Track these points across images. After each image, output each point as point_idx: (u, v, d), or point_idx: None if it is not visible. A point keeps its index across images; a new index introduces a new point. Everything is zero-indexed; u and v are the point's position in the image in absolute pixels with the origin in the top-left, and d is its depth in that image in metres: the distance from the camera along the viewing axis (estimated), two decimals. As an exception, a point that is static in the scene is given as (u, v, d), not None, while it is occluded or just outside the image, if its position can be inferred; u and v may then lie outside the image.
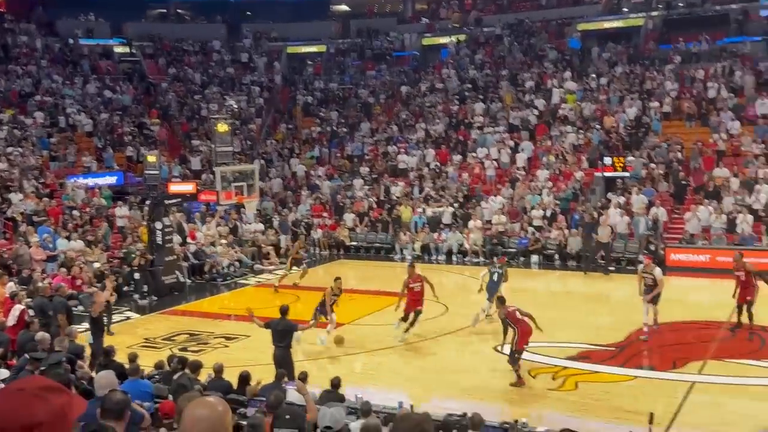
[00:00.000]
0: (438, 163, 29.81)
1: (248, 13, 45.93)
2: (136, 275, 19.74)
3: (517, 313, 12.36)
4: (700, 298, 19.21)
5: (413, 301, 14.92)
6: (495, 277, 16.37)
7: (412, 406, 8.96)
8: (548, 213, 25.00)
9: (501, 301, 12.76)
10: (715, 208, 22.91)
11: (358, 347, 14.92)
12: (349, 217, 27.62)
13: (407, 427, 2.98)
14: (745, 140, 25.71)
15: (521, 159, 28.50)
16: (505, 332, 12.69)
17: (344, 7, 46.91)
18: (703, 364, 13.19)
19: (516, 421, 8.38)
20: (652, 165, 25.84)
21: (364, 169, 30.90)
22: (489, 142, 29.83)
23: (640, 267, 15.52)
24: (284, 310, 11.99)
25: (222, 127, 24.39)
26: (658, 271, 15.02)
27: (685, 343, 14.48)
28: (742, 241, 21.70)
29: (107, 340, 13.47)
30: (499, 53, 36.67)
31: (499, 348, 13.55)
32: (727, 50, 31.33)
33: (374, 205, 28.31)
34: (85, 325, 14.13)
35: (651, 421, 7.88)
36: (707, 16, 33.55)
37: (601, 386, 12.14)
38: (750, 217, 22.15)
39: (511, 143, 29.31)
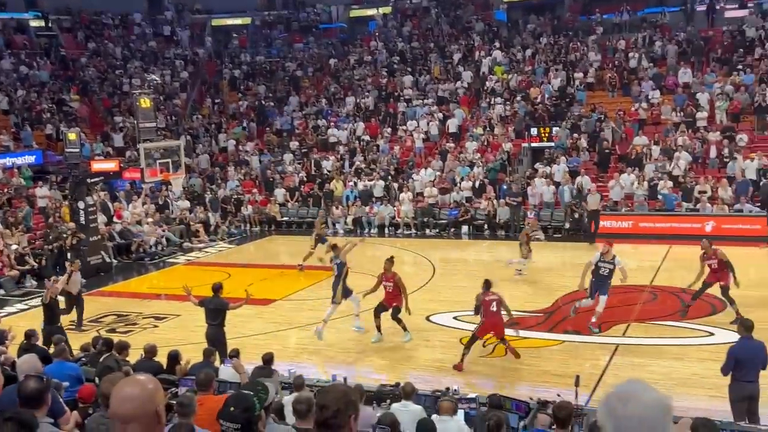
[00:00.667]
0: (368, 137, 29.80)
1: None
2: (69, 255, 19.07)
3: (494, 305, 11.75)
4: (624, 264, 19.80)
5: (387, 299, 13.42)
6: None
7: (345, 379, 9.02)
8: (477, 184, 25.34)
9: (487, 285, 12.14)
10: (637, 175, 23.62)
11: (293, 323, 14.89)
12: (279, 193, 27.40)
13: (334, 398, 3.00)
14: (665, 109, 26.51)
15: (450, 131, 28.75)
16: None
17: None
18: (627, 326, 13.66)
19: (447, 389, 8.53)
20: (575, 135, 26.44)
21: (294, 144, 30.64)
22: (418, 115, 29.97)
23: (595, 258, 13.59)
24: (216, 288, 11.87)
25: (145, 103, 23.85)
26: (618, 259, 13.52)
27: (609, 307, 14.88)
28: (664, 206, 22.47)
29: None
30: (427, 25, 36.74)
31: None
32: (647, 21, 32.17)
33: (305, 180, 28.16)
34: (8, 309, 13.69)
35: (577, 384, 8.11)
36: (629, -12, 34.29)
37: (530, 351, 12.44)
38: (670, 183, 22.91)
39: (440, 115, 29.50)
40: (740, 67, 27.31)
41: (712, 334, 12.95)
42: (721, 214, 21.41)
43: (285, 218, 26.80)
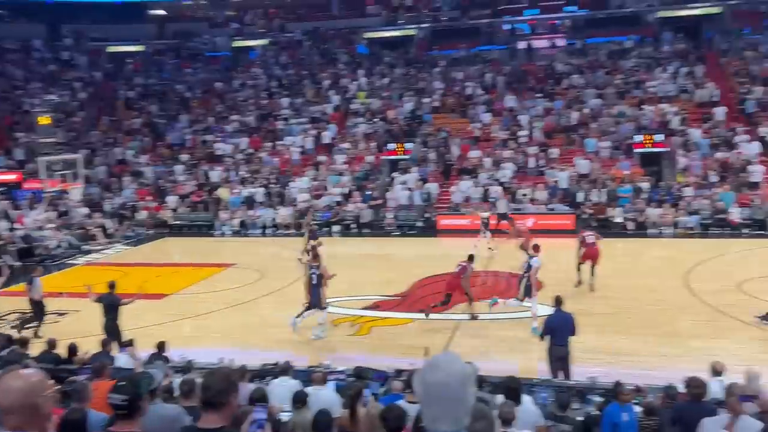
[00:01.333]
0: (251, 150, 29.22)
1: (68, 14, 41.78)
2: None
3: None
4: (464, 254, 20.44)
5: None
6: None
7: (231, 361, 8.80)
8: (346, 190, 25.44)
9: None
10: (474, 182, 24.50)
11: (187, 313, 14.37)
12: (171, 199, 26.35)
13: (217, 380, 2.93)
14: (494, 128, 27.65)
15: (323, 146, 28.69)
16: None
17: (161, 11, 44.16)
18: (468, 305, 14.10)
19: (320, 364, 8.51)
20: (425, 149, 27.10)
21: (185, 156, 29.56)
22: (295, 132, 29.70)
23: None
24: (111, 285, 11.30)
25: (44, 120, 22.20)
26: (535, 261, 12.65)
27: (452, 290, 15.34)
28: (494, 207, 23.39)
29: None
30: (300, 55, 36.47)
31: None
32: (479, 56, 33.40)
33: (195, 188, 27.23)
34: None
35: (426, 353, 8.31)
36: (464, 29, 35.48)
37: (390, 329, 12.63)
38: (499, 188, 23.93)
39: (314, 132, 29.37)
40: (551, 94, 28.91)
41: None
42: (538, 212, 22.62)
43: (177, 222, 25.80)
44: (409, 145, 26.58)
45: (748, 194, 21.64)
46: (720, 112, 25.61)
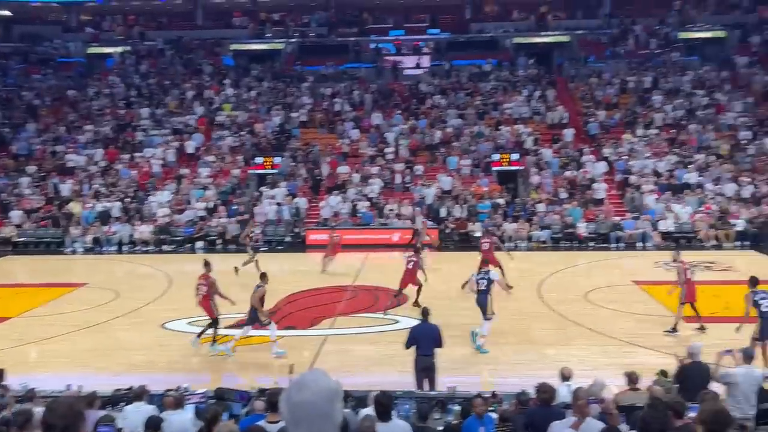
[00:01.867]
0: (107, 162, 27.58)
1: None
2: None
3: None
4: (332, 269, 20.47)
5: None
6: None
7: (80, 387, 8.18)
8: (210, 205, 24.68)
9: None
10: (343, 197, 24.67)
11: (31, 337, 13.20)
12: (16, 214, 24.25)
13: (59, 414, 2.70)
14: (362, 144, 28.06)
15: (185, 157, 27.69)
16: None
17: (5, 12, 40.76)
18: (334, 320, 14.13)
19: (178, 387, 8.11)
20: (293, 164, 26.95)
21: (32, 168, 27.35)
22: (155, 143, 28.43)
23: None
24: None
25: None
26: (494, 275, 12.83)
27: (320, 305, 15.33)
28: (363, 221, 23.71)
29: None
30: (162, 65, 35.06)
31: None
32: (347, 73, 33.81)
33: (43, 203, 25.24)
34: None
35: (291, 371, 8.18)
36: (332, 45, 35.79)
37: (255, 347, 12.33)
38: (367, 203, 24.27)
39: (176, 144, 28.28)
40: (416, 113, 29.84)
41: (397, 321, 13.86)
42: (404, 227, 23.15)
43: (22, 239, 23.76)
44: (277, 160, 26.30)
45: (593, 210, 23.45)
46: (569, 134, 27.65)
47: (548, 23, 36.44)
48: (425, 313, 9.98)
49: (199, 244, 23.29)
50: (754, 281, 10.96)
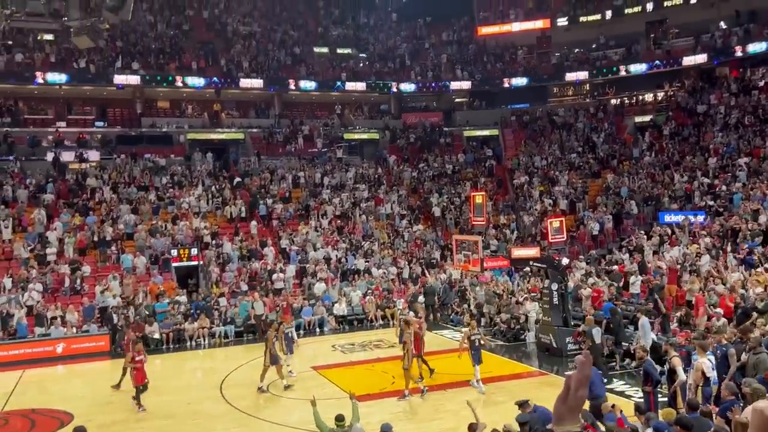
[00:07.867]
0: None
1: None
2: None
3: None
4: None
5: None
6: None
7: None
8: None
9: None
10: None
11: None
12: None
13: None
14: (17, 245, 24.81)
15: None
16: None
17: None
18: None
19: None
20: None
21: None
22: None
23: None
24: None
25: None
26: None
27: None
28: (17, 334, 20.70)
29: None
30: None
31: None
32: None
33: None
34: None
35: None
36: None
37: None
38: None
39: None
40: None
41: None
42: (70, 336, 20.79)
43: None
44: None
45: (275, 299, 24.00)
46: (252, 226, 28.34)
47: (221, 121, 37.67)
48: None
49: None
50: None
